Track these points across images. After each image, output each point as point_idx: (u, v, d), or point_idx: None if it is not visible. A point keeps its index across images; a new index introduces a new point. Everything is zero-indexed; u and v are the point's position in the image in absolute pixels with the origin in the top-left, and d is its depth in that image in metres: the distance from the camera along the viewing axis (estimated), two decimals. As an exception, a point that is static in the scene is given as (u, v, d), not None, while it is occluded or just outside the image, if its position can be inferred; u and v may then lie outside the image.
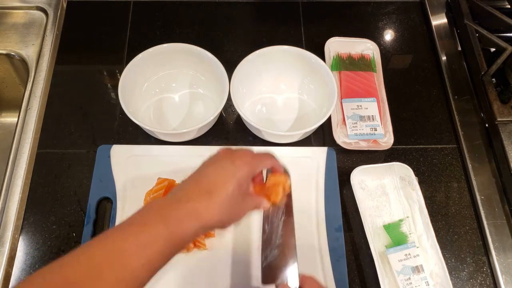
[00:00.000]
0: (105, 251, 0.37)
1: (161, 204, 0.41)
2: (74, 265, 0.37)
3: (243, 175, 0.45)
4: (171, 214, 0.40)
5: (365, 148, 0.67)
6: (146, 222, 0.40)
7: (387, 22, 0.82)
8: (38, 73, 0.72)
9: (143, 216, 0.40)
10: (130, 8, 0.81)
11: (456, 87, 0.74)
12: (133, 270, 0.37)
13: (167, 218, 0.40)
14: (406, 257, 0.58)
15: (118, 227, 0.40)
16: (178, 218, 0.40)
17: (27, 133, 0.67)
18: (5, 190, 0.62)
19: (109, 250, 0.37)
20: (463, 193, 0.66)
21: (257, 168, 0.47)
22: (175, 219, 0.40)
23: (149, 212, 0.41)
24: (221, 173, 0.44)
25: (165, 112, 0.70)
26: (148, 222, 0.39)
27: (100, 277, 0.36)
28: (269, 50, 0.67)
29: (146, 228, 0.39)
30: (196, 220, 0.41)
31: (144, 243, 0.38)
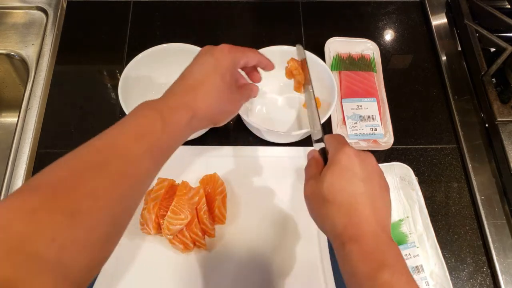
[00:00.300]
0: (107, 144, 0.38)
1: (153, 101, 0.42)
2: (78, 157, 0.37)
3: (224, 66, 0.46)
4: (163, 107, 0.41)
5: (365, 148, 0.67)
6: (141, 115, 0.41)
7: (387, 22, 0.82)
8: (38, 73, 0.72)
9: (137, 112, 0.41)
10: (130, 8, 0.81)
11: (456, 87, 0.74)
12: (135, 159, 0.38)
13: (160, 110, 0.41)
14: (406, 257, 0.58)
15: (115, 125, 0.40)
16: (170, 109, 0.41)
17: (27, 133, 0.67)
18: (5, 190, 0.62)
19: (110, 143, 0.38)
20: (463, 193, 0.66)
21: (239, 59, 0.48)
22: (168, 110, 0.41)
23: (142, 108, 0.41)
24: (202, 68, 0.46)
25: (165, 112, 0.70)
26: (142, 115, 0.40)
27: (105, 168, 0.36)
28: (269, 50, 0.67)
29: (142, 120, 0.40)
30: (186, 111, 0.42)
31: (142, 132, 0.39)
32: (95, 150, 0.37)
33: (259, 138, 0.68)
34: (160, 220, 0.57)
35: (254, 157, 0.65)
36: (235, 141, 0.68)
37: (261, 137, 0.67)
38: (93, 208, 0.34)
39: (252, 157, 0.65)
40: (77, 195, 0.34)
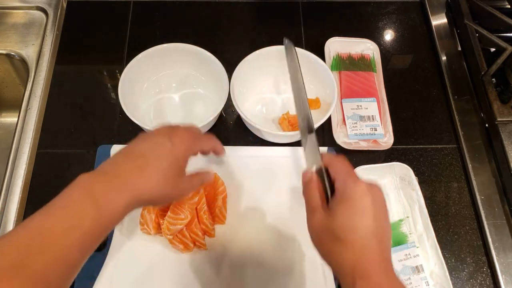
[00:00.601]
0: (32, 234, 0.35)
1: (88, 180, 0.39)
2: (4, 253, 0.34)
3: (180, 153, 0.44)
4: (98, 191, 0.38)
5: (365, 148, 0.67)
6: (72, 201, 0.38)
7: (387, 22, 0.82)
8: (38, 73, 0.72)
9: (69, 195, 0.38)
10: (130, 8, 0.81)
11: (456, 87, 0.74)
12: (62, 253, 0.36)
13: (94, 195, 0.38)
14: (406, 257, 0.58)
15: (44, 209, 0.38)
16: (107, 194, 0.38)
17: (27, 133, 0.67)
18: (5, 190, 0.62)
19: (36, 233, 0.36)
20: (463, 193, 0.66)
21: (195, 148, 0.47)
22: (103, 195, 0.38)
23: (75, 189, 0.39)
24: (156, 149, 0.43)
25: (165, 112, 0.70)
26: (74, 202, 0.38)
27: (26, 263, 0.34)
28: (269, 50, 0.67)
29: (72, 209, 0.37)
30: (125, 195, 0.39)
31: (71, 225, 0.36)
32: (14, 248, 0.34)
33: (259, 138, 0.68)
34: (160, 220, 0.57)
35: (254, 157, 0.65)
36: (235, 141, 0.68)
37: (261, 137, 0.67)
38: None
39: (252, 157, 0.65)
40: None
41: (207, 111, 0.69)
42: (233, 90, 0.63)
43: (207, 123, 0.62)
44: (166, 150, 0.43)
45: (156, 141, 0.44)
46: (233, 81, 0.64)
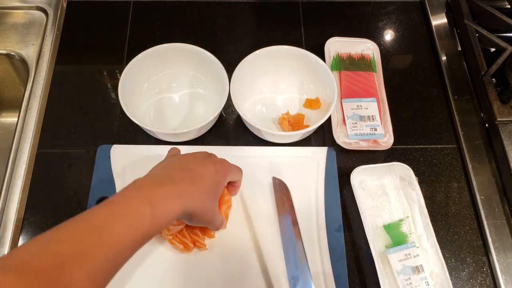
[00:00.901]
0: (94, 228, 0.38)
1: (147, 184, 0.42)
2: (63, 241, 0.36)
3: (220, 178, 0.49)
4: (156, 196, 0.41)
5: (365, 148, 0.67)
6: (133, 203, 0.40)
7: (387, 22, 0.82)
8: (38, 73, 0.72)
9: (130, 197, 0.41)
10: (130, 8, 0.81)
11: (456, 87, 0.74)
12: (119, 249, 0.38)
13: (152, 200, 0.41)
14: (406, 257, 0.58)
15: (105, 205, 0.40)
16: (163, 200, 0.41)
17: (27, 133, 0.67)
18: (5, 190, 0.62)
19: (98, 227, 0.38)
20: (463, 193, 0.66)
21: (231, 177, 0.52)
22: (160, 201, 0.41)
23: (134, 192, 0.41)
24: (202, 168, 0.48)
25: (165, 112, 0.70)
26: (135, 203, 0.40)
27: (88, 259, 0.35)
28: (269, 50, 0.67)
29: (133, 209, 0.40)
30: (179, 203, 0.42)
31: (130, 224, 0.39)
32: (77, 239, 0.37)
33: (259, 138, 0.68)
34: (160, 220, 0.57)
35: (254, 157, 0.65)
36: (235, 142, 0.68)
37: (261, 137, 0.67)
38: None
39: (252, 157, 0.65)
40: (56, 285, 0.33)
41: (207, 111, 0.69)
42: (233, 90, 0.63)
43: (207, 123, 0.62)
44: (211, 172, 0.47)
45: (202, 162, 0.48)
46: (233, 81, 0.64)
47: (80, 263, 0.35)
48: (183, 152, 0.65)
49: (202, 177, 0.46)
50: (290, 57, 0.69)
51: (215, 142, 0.68)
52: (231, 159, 0.64)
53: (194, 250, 0.58)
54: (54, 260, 0.34)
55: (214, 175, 0.47)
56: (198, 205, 0.45)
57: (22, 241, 0.60)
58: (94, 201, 0.61)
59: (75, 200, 0.63)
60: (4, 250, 0.58)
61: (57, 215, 0.62)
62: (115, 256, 0.38)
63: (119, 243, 0.38)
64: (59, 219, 0.60)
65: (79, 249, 0.36)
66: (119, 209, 0.40)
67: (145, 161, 0.64)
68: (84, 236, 0.37)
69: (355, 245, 0.61)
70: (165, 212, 0.41)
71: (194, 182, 0.45)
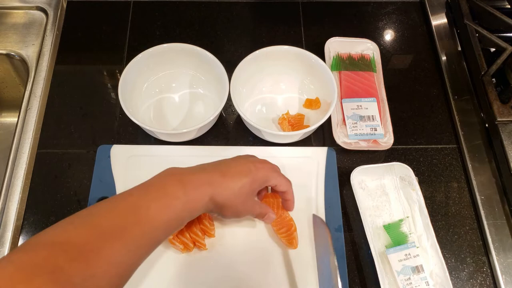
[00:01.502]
0: (131, 206, 0.40)
1: (180, 171, 0.45)
2: (102, 215, 0.38)
3: (258, 177, 0.49)
4: (188, 181, 0.44)
5: (365, 148, 0.67)
6: (167, 185, 0.43)
7: (387, 22, 0.82)
8: (38, 73, 0.72)
9: (164, 180, 0.43)
10: (130, 8, 0.81)
11: (456, 87, 0.74)
12: (154, 228, 0.40)
13: (185, 184, 0.43)
14: (406, 257, 0.58)
15: (140, 187, 0.43)
16: (195, 186, 0.44)
17: (27, 133, 0.67)
18: (5, 190, 0.62)
19: (135, 206, 0.40)
20: (463, 193, 0.66)
21: (272, 180, 0.51)
22: (192, 186, 0.43)
23: (169, 177, 0.44)
24: (239, 166, 0.49)
25: (165, 112, 0.70)
26: (168, 186, 0.43)
27: (125, 235, 0.38)
28: (269, 50, 0.67)
29: (167, 191, 0.42)
30: (208, 190, 0.44)
31: (165, 204, 0.41)
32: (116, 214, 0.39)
33: (259, 138, 0.68)
34: (160, 220, 0.57)
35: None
36: (235, 142, 0.68)
37: (261, 137, 0.67)
38: (106, 273, 0.36)
39: (252, 157, 0.65)
40: (96, 260, 0.35)
41: (207, 111, 0.69)
42: (233, 90, 0.63)
43: (207, 123, 0.62)
44: (247, 170, 0.48)
45: (240, 161, 0.50)
46: (233, 81, 0.64)
47: (120, 236, 0.37)
48: (183, 152, 0.65)
49: (236, 173, 0.47)
50: (290, 57, 0.69)
51: (215, 142, 0.68)
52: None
53: (194, 250, 0.58)
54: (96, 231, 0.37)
55: (250, 173, 0.48)
56: (225, 197, 0.46)
57: (22, 241, 0.60)
58: (94, 201, 0.61)
59: (75, 200, 0.63)
60: (4, 250, 0.58)
61: (57, 215, 0.62)
62: (151, 234, 0.40)
63: (154, 220, 0.40)
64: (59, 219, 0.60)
65: (117, 223, 0.38)
66: (155, 190, 0.42)
67: (145, 161, 0.64)
68: (122, 212, 0.39)
69: (355, 245, 0.61)
70: (196, 197, 0.43)
71: (226, 175, 0.46)
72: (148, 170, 0.62)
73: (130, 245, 0.38)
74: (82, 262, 0.34)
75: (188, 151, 0.65)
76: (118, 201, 0.40)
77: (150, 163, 0.64)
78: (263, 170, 0.50)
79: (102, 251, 0.36)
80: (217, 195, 0.45)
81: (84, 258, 0.35)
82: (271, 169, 0.51)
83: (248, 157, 0.53)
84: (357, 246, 0.61)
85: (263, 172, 0.50)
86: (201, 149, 0.66)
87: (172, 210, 0.41)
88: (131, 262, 0.39)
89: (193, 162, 0.64)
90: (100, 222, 0.38)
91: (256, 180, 0.49)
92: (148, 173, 0.62)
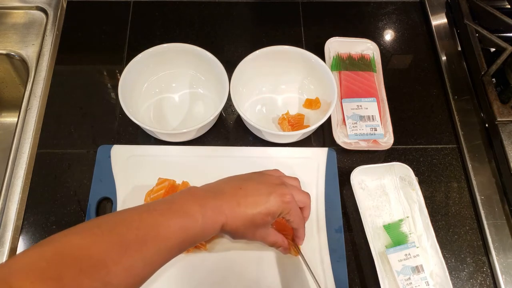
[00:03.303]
0: (154, 220, 0.41)
1: (201, 194, 0.46)
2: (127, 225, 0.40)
3: (272, 211, 0.48)
4: (208, 206, 0.44)
5: (365, 148, 0.67)
6: (188, 206, 0.43)
7: (387, 22, 0.82)
8: (38, 73, 0.72)
9: (186, 201, 0.44)
10: (130, 8, 0.81)
11: (456, 87, 0.74)
12: (169, 246, 0.41)
13: (205, 210, 0.44)
14: (406, 257, 0.58)
15: (163, 202, 0.44)
16: (213, 212, 0.44)
17: (27, 133, 0.67)
18: (5, 190, 0.62)
19: (157, 222, 0.41)
20: (463, 193, 0.66)
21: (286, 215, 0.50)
22: (211, 212, 0.44)
23: (191, 198, 0.45)
24: (256, 195, 0.47)
25: (165, 112, 0.70)
26: (190, 209, 0.43)
27: (143, 248, 0.39)
28: (269, 50, 0.67)
29: (187, 213, 0.43)
30: (222, 218, 0.45)
31: (184, 226, 0.42)
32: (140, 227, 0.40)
33: (259, 138, 0.68)
34: (160, 220, 0.57)
35: (254, 157, 0.65)
36: (235, 142, 0.68)
37: (261, 137, 0.67)
38: (122, 283, 0.37)
39: (252, 157, 0.65)
40: (114, 269, 0.36)
41: (207, 111, 0.69)
42: (233, 90, 0.63)
43: (207, 123, 0.62)
44: (263, 201, 0.47)
45: (261, 188, 0.48)
46: (233, 81, 0.64)
47: (139, 249, 0.38)
48: (183, 152, 0.65)
49: (252, 202, 0.47)
50: (290, 57, 0.69)
51: (215, 142, 0.68)
52: (232, 159, 0.64)
53: (194, 250, 0.58)
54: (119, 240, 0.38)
55: (265, 206, 0.47)
56: (235, 226, 0.46)
57: (22, 242, 0.60)
58: (94, 202, 0.61)
59: (75, 200, 0.63)
60: (4, 250, 0.58)
61: (57, 216, 0.62)
62: (165, 251, 0.41)
63: (171, 239, 0.41)
64: (59, 220, 0.61)
65: (140, 236, 0.39)
66: (176, 209, 0.43)
67: (146, 161, 0.64)
68: (145, 226, 0.40)
69: (355, 245, 0.61)
70: (211, 224, 0.44)
71: (241, 204, 0.46)
72: (148, 170, 0.63)
73: (147, 258, 0.39)
74: (102, 269, 0.36)
75: (188, 151, 0.65)
76: (144, 214, 0.42)
77: (150, 163, 0.64)
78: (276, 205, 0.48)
79: (121, 261, 0.37)
80: (228, 224, 0.46)
81: (104, 266, 0.36)
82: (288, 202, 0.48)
83: (274, 178, 0.50)
84: (357, 246, 0.61)
85: (276, 209, 0.48)
86: (201, 149, 0.66)
87: (189, 232, 0.42)
88: (144, 275, 0.40)
89: (193, 162, 0.64)
90: (124, 232, 0.39)
91: (270, 213, 0.47)
92: (148, 173, 0.63)
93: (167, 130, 0.67)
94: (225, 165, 0.64)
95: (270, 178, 0.50)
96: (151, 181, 0.61)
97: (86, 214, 0.60)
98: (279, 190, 0.48)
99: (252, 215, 0.46)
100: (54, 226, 0.61)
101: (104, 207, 0.62)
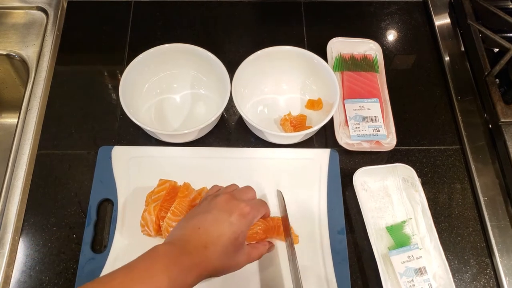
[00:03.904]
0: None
1: (166, 253, 0.44)
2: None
3: (239, 230, 0.48)
4: (174, 267, 0.43)
5: (368, 149, 0.67)
6: (152, 271, 0.42)
7: (390, 22, 0.82)
8: (39, 74, 0.72)
9: (150, 264, 0.43)
10: (131, 8, 0.81)
11: (460, 88, 0.73)
12: None
13: (170, 271, 0.42)
14: (409, 259, 0.57)
15: (125, 270, 0.42)
16: (180, 271, 0.43)
17: (27, 134, 0.66)
18: (5, 192, 0.62)
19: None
20: (466, 194, 0.66)
21: (253, 220, 0.50)
22: (178, 272, 0.43)
23: (155, 260, 0.43)
24: (217, 225, 0.47)
25: (166, 113, 0.69)
26: (153, 272, 0.42)
27: None
28: (271, 50, 0.67)
29: (152, 278, 0.41)
30: (194, 273, 0.44)
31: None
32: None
33: (261, 139, 0.67)
34: (160, 222, 0.56)
35: (256, 158, 0.65)
36: (236, 143, 0.68)
37: (263, 138, 0.67)
38: None
39: (254, 159, 0.65)
40: None
41: (209, 112, 0.69)
42: (234, 90, 0.62)
43: (209, 124, 0.62)
44: (226, 228, 0.47)
45: (218, 217, 0.48)
46: (235, 82, 0.63)
47: None
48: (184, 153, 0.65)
49: (217, 237, 0.46)
50: (292, 57, 0.68)
51: (216, 143, 0.68)
52: (233, 160, 0.64)
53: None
54: None
55: (230, 230, 0.47)
56: (213, 267, 0.46)
57: (22, 243, 0.60)
58: (95, 203, 0.60)
59: (75, 202, 0.62)
60: (4, 251, 0.58)
61: (57, 217, 0.61)
62: None
63: None
64: (60, 221, 0.61)
65: None
66: (138, 275, 0.41)
67: (147, 162, 0.64)
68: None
69: (357, 247, 0.61)
70: (182, 282, 0.43)
71: (208, 246, 0.46)
72: (149, 171, 0.63)
73: None
74: None
75: (189, 152, 0.65)
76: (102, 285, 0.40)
77: (151, 164, 0.64)
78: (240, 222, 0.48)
79: None
80: (203, 274, 0.45)
81: None
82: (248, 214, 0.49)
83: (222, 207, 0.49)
84: (360, 247, 0.60)
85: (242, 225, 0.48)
86: (203, 150, 0.65)
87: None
88: None
89: (195, 164, 0.64)
90: None
91: (237, 235, 0.47)
92: (149, 174, 0.62)
93: (168, 131, 0.66)
94: (226, 166, 0.64)
95: (219, 201, 0.49)
96: (152, 182, 0.60)
97: (87, 215, 0.60)
98: (235, 208, 0.48)
99: (224, 247, 0.46)
100: (54, 227, 0.60)
101: (104, 208, 0.62)
